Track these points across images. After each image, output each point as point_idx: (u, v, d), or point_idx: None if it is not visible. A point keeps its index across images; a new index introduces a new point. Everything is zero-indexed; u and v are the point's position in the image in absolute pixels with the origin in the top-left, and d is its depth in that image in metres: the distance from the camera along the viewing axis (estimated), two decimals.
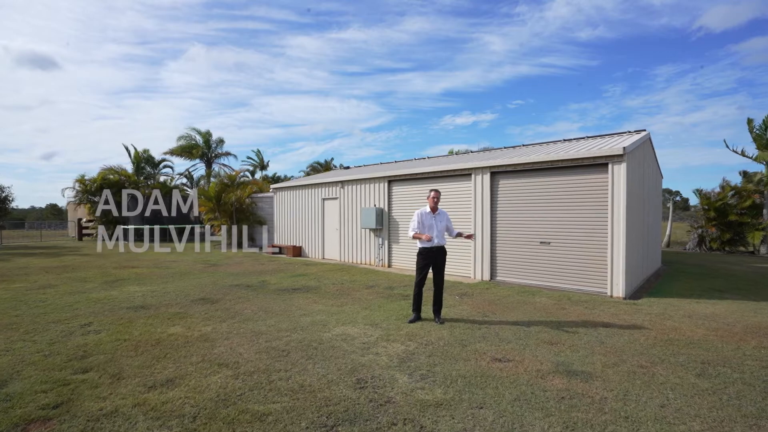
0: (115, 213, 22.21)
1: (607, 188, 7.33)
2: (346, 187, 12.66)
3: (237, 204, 17.01)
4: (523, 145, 11.80)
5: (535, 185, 8.37)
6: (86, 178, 22.17)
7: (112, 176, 22.40)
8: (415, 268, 5.79)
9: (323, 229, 13.63)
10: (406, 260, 10.84)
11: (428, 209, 5.67)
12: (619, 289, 7.12)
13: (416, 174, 10.59)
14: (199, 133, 26.56)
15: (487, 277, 8.95)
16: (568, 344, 4.57)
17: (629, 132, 9.71)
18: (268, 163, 33.31)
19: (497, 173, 8.95)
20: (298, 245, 14.54)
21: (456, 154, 13.66)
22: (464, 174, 9.53)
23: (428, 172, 10.29)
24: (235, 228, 17.29)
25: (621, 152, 7.05)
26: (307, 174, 31.74)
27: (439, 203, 5.73)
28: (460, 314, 5.94)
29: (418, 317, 5.67)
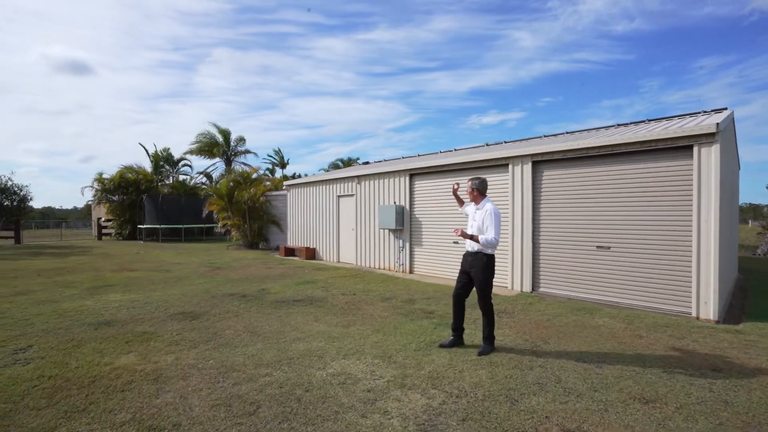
0: (132, 213, 21.84)
1: (691, 178, 5.67)
2: (363, 183, 11.35)
3: (250, 202, 16.03)
4: (568, 132, 10.13)
5: (589, 176, 6.77)
6: (105, 177, 21.89)
7: (130, 175, 22.03)
8: (440, 276, 4.35)
9: (338, 229, 12.38)
10: (430, 266, 9.41)
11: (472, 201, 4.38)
12: (709, 310, 5.45)
13: (442, 166, 9.14)
14: (219, 130, 25.97)
15: (527, 287, 7.41)
16: (673, 403, 3.05)
17: (705, 112, 7.91)
18: (287, 161, 32.53)
19: (541, 162, 7.39)
20: (311, 247, 13.35)
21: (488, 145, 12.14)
22: (499, 164, 8.02)
23: (456, 164, 8.82)
24: (248, 228, 16.34)
25: (713, 130, 5.38)
26: (327, 172, 30.74)
27: (474, 197, 4.32)
28: (501, 341, 4.49)
29: (453, 340, 4.34)
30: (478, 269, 4.18)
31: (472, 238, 4.12)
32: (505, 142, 11.48)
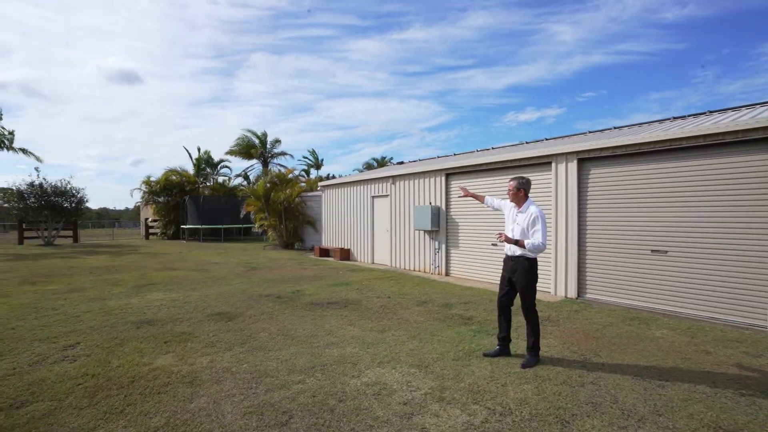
0: (176, 214, 22.85)
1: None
2: (397, 183, 11.18)
3: (286, 203, 16.29)
4: (615, 128, 9.48)
5: (643, 174, 6.24)
6: (152, 179, 23.04)
7: (174, 177, 23.07)
8: (479, 279, 4.10)
9: (372, 230, 12.28)
10: (467, 268, 9.10)
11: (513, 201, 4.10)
12: None
13: (480, 165, 8.80)
14: (255, 134, 26.71)
15: (572, 293, 6.96)
16: None
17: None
18: (322, 161, 32.96)
19: (588, 160, 6.91)
20: (346, 248, 13.35)
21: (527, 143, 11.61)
22: (541, 163, 7.59)
23: (495, 162, 8.45)
24: (283, 228, 16.61)
25: None
26: (362, 172, 30.86)
27: (517, 197, 4.03)
28: (547, 351, 4.17)
29: (499, 350, 4.09)
30: (521, 274, 3.90)
31: (517, 243, 3.84)
32: (546, 140, 10.93)
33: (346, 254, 13.15)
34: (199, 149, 26.94)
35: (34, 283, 8.42)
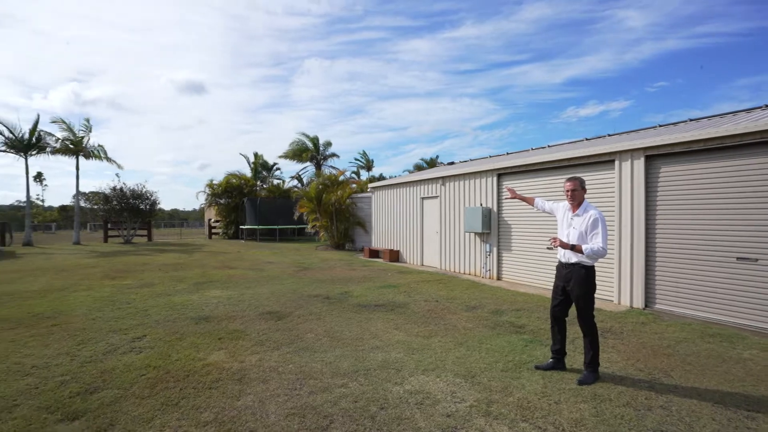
0: (236, 214, 24.24)
1: None
2: (447, 184, 10.96)
3: (337, 205, 16.62)
4: (691, 120, 8.55)
5: (727, 172, 5.55)
6: (214, 182, 24.64)
7: (234, 180, 24.49)
8: (532, 284, 3.85)
9: (422, 232, 12.14)
10: (520, 273, 8.67)
11: (569, 204, 3.80)
12: None
13: (534, 164, 8.36)
14: (309, 137, 27.61)
15: (639, 303, 6.35)
16: None
17: None
18: (372, 162, 33.28)
19: (657, 157, 6.28)
20: (395, 249, 13.33)
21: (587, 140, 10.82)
22: (602, 161, 7.03)
23: (550, 161, 7.98)
24: (334, 229, 16.96)
25: None
26: (411, 173, 30.75)
27: (575, 198, 3.73)
28: (607, 367, 3.82)
29: (552, 364, 3.82)
30: (577, 283, 3.60)
31: (573, 248, 3.54)
32: (609, 135, 10.14)
33: (395, 256, 13.13)
34: (255, 154, 28.43)
35: (113, 278, 9.30)
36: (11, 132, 18.81)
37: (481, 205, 9.63)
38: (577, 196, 3.69)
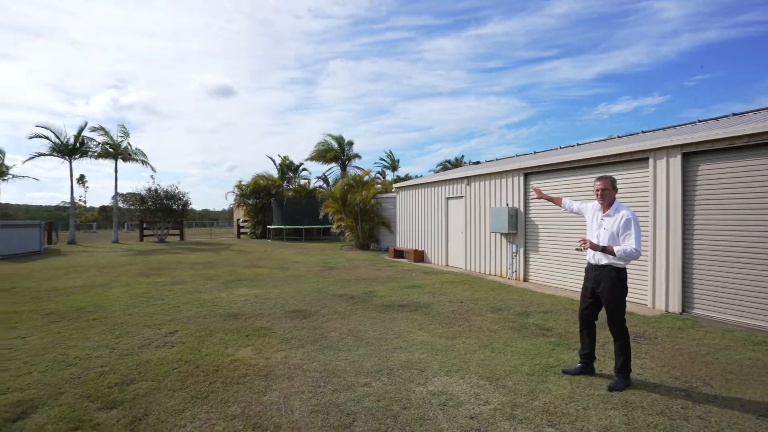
0: (264, 215, 24.80)
1: None
2: (472, 184, 10.83)
3: (362, 205, 16.73)
4: (735, 114, 8.09)
5: None
6: (243, 183, 25.31)
7: (261, 181, 25.08)
8: (560, 286, 3.76)
9: (447, 232, 12.05)
10: (547, 274, 8.46)
11: (599, 204, 3.68)
12: None
13: (562, 163, 8.13)
14: (334, 138, 27.91)
15: (675, 307, 6.07)
16: None
17: None
18: (398, 162, 33.29)
19: (696, 154, 5.99)
20: (420, 249, 13.28)
21: (617, 137, 10.42)
22: (635, 159, 6.76)
23: (579, 160, 7.74)
24: (359, 229, 17.07)
25: None
26: (436, 173, 30.55)
27: (606, 198, 3.61)
28: (640, 374, 3.67)
29: (580, 368, 3.72)
30: (607, 285, 3.48)
31: (604, 250, 3.43)
32: (642, 132, 9.73)
33: (420, 256, 13.08)
34: (280, 155, 29.02)
35: (148, 275, 9.72)
36: (58, 137, 19.98)
37: (508, 205, 9.46)
38: (607, 195, 3.57)
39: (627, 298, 3.56)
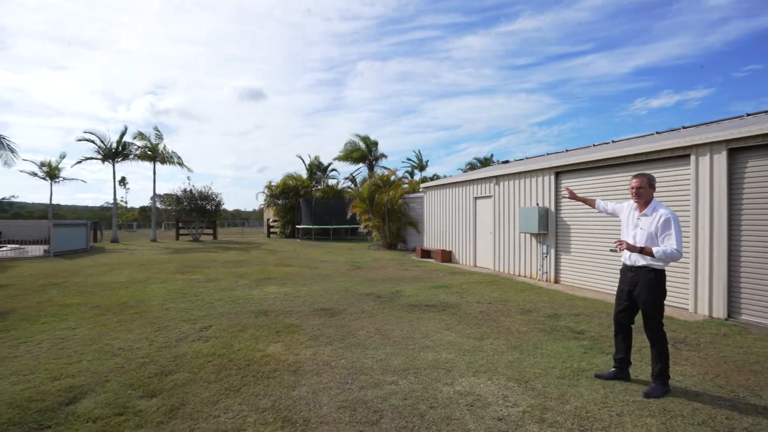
0: (293, 214, 25.31)
1: None
2: (501, 183, 10.65)
3: (389, 205, 16.78)
4: None
5: None
6: (272, 184, 25.93)
7: (291, 182, 25.61)
8: (593, 288, 3.66)
9: (475, 232, 11.90)
10: (580, 276, 8.20)
11: (635, 204, 3.55)
12: None
13: (596, 161, 7.86)
14: (361, 138, 28.12)
15: (719, 312, 5.74)
16: None
17: None
18: (426, 163, 33.15)
19: (743, 150, 5.65)
20: (447, 249, 13.18)
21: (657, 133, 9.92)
22: (675, 156, 6.45)
23: (615, 158, 7.46)
24: (387, 229, 17.13)
25: None
26: (464, 173, 30.19)
27: (643, 197, 3.47)
28: (680, 381, 3.50)
29: (614, 373, 3.59)
30: (644, 288, 3.34)
31: (642, 251, 3.29)
32: (684, 128, 9.27)
33: (447, 256, 12.99)
34: (309, 156, 29.51)
35: (184, 272, 10.14)
36: (102, 142, 21.19)
37: (538, 204, 9.24)
38: (643, 193, 3.44)
39: (666, 302, 3.41)
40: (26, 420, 2.85)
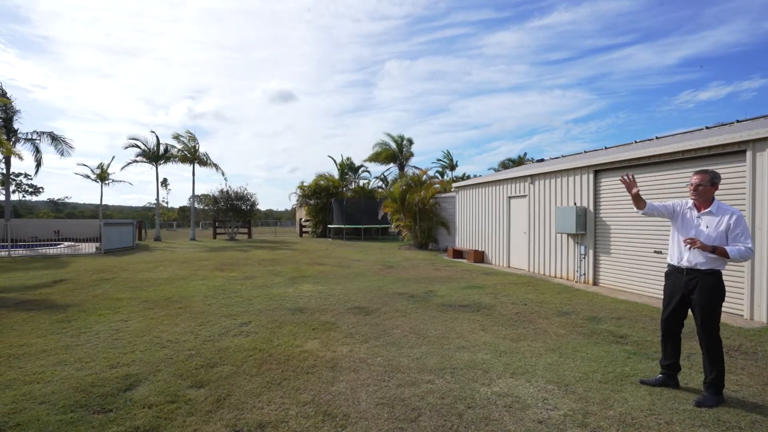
0: (324, 214, 25.72)
1: None
2: (536, 183, 10.40)
3: (420, 205, 16.74)
4: None
5: None
6: (304, 184, 26.48)
7: (322, 182, 26.06)
8: (635, 291, 3.53)
9: (508, 232, 11.68)
10: (621, 278, 7.88)
11: (691, 202, 3.40)
12: None
13: (638, 159, 7.53)
14: (393, 138, 28.20)
15: None
16: None
17: None
18: (456, 163, 32.81)
19: None
20: (480, 250, 13.01)
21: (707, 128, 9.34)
22: (728, 152, 6.08)
23: (660, 155, 7.12)
24: (418, 229, 17.10)
25: None
26: (497, 172, 29.62)
27: (705, 195, 3.30)
28: (736, 391, 3.32)
29: (662, 380, 3.45)
30: (705, 291, 3.17)
31: (714, 251, 3.14)
32: (738, 122, 8.71)
33: (480, 257, 12.82)
34: (342, 156, 29.88)
35: (222, 270, 10.55)
36: (145, 146, 22.37)
37: (575, 204, 8.96)
38: (703, 192, 3.28)
39: (724, 306, 3.25)
40: (90, 403, 3.08)
